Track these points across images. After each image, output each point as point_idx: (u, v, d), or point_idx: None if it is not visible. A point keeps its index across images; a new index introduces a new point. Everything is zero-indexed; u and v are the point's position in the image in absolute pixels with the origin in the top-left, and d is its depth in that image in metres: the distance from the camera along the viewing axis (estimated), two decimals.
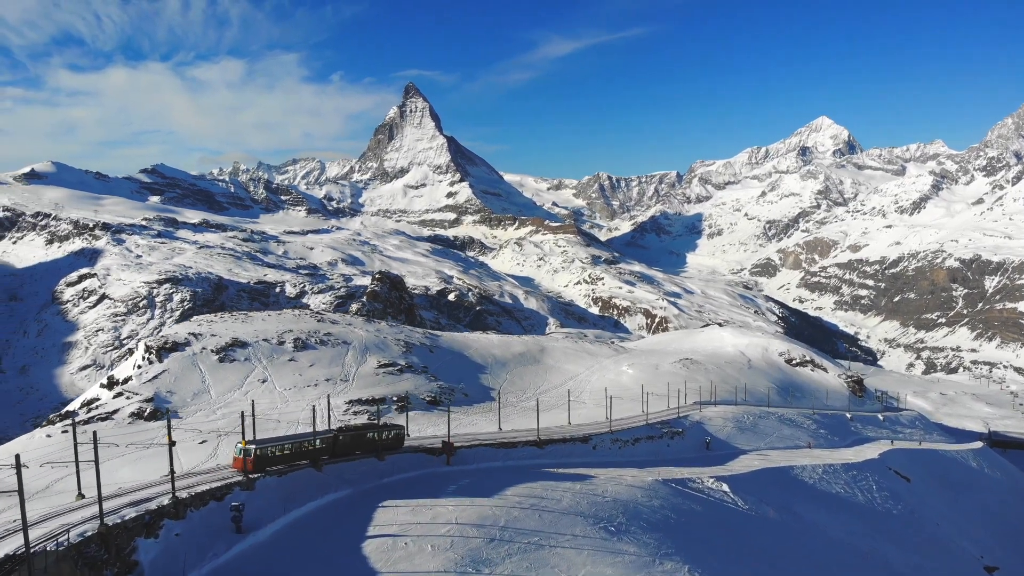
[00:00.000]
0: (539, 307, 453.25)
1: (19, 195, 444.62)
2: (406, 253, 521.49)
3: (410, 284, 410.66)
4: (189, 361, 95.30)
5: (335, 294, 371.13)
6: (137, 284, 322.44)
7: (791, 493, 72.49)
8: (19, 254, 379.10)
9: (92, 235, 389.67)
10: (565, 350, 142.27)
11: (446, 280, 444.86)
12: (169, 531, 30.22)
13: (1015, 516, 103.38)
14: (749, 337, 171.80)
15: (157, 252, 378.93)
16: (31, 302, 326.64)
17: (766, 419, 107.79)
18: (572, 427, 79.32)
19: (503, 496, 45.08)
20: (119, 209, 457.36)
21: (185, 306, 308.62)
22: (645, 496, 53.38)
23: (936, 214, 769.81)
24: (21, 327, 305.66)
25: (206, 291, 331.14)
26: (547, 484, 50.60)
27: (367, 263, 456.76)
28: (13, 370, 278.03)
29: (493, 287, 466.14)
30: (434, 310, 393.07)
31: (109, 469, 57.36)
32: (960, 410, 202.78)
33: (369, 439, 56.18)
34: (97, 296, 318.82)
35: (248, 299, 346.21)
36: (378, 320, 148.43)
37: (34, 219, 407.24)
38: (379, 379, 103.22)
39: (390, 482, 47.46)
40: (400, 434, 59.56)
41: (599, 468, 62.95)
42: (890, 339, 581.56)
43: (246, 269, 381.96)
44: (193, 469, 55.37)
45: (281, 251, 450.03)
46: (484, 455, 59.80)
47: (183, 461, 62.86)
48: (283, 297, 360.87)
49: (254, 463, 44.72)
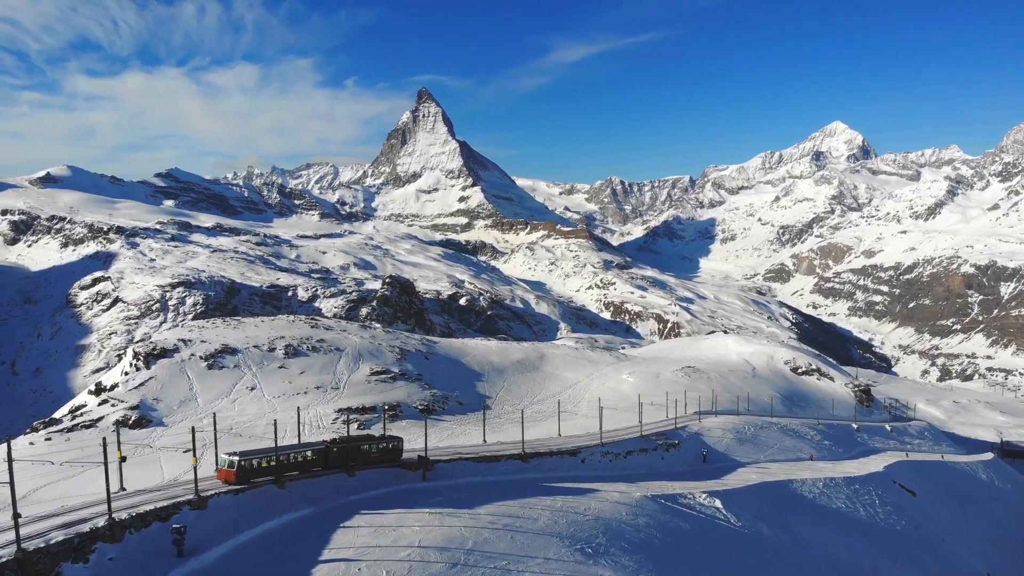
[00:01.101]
0: (550, 312, 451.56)
1: (35, 199, 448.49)
2: (418, 257, 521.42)
3: (421, 288, 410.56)
4: (177, 368, 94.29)
5: (347, 298, 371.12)
6: (150, 287, 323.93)
7: (789, 508, 70.10)
8: (34, 257, 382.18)
9: (106, 238, 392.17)
10: (565, 357, 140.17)
11: (457, 284, 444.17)
12: (102, 555, 28.60)
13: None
14: (754, 345, 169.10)
15: (170, 256, 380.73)
16: (45, 305, 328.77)
17: (768, 430, 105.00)
18: (562, 439, 76.91)
19: (475, 515, 43.12)
20: (133, 213, 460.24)
21: (198, 309, 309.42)
22: (630, 514, 51.30)
23: (951, 220, 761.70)
24: (35, 330, 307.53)
25: (219, 295, 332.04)
26: (526, 501, 48.43)
27: (379, 267, 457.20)
28: (27, 372, 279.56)
29: (504, 291, 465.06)
30: (445, 314, 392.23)
31: (86, 480, 56.45)
32: (973, 418, 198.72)
33: (364, 451, 54.32)
34: (111, 299, 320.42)
35: (260, 303, 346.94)
36: (375, 326, 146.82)
37: (49, 222, 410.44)
38: (371, 387, 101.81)
39: (357, 500, 45.09)
40: (398, 446, 57.44)
41: (587, 483, 60.53)
42: (905, 346, 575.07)
43: (259, 273, 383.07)
44: (174, 480, 54.35)
45: (294, 255, 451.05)
46: (464, 470, 57.63)
47: (165, 471, 61.96)
48: (295, 301, 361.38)
49: (237, 475, 43.53)
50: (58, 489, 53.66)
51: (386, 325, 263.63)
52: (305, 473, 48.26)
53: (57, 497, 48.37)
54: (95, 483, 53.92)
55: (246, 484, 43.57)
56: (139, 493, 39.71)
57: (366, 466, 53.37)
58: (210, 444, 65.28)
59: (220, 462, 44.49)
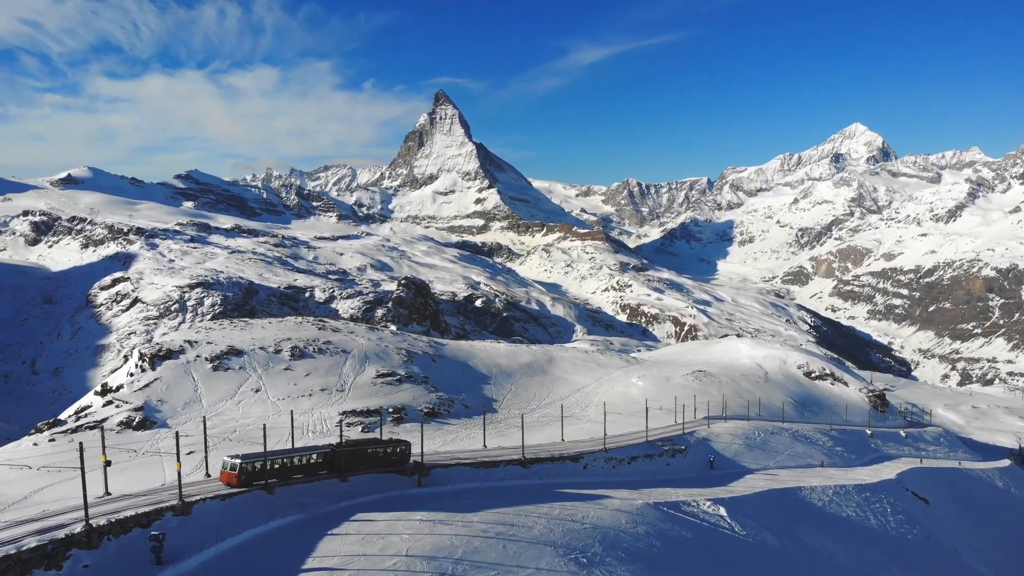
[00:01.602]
0: (566, 314, 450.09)
1: (56, 200, 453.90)
2: (434, 259, 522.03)
3: (437, 290, 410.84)
4: (182, 369, 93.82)
5: (363, 299, 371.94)
6: (169, 288, 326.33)
7: (797, 516, 68.79)
8: (55, 258, 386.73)
9: (126, 239, 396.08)
10: (574, 360, 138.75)
11: (473, 286, 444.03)
12: (77, 562, 28.26)
13: None
14: (767, 349, 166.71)
15: (189, 257, 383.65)
16: (66, 305, 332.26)
17: (778, 435, 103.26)
18: (565, 444, 75.85)
19: (468, 523, 42.13)
20: (153, 214, 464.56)
21: (216, 310, 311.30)
22: (630, 522, 50.25)
23: (972, 222, 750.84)
24: (56, 329, 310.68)
25: (237, 295, 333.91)
26: (522, 509, 47.89)
27: (395, 269, 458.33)
28: (47, 372, 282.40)
29: (520, 293, 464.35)
30: (460, 316, 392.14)
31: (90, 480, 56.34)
32: (992, 424, 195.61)
33: (371, 454, 53.93)
34: (130, 300, 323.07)
35: (278, 303, 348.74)
36: (384, 328, 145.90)
37: (70, 223, 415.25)
38: (376, 389, 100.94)
39: (348, 506, 44.51)
40: (406, 450, 56.92)
41: (588, 489, 59.60)
42: (924, 350, 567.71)
43: (276, 274, 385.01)
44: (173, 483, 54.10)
45: (311, 256, 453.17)
46: (461, 475, 56.49)
47: (167, 473, 61.92)
48: (312, 302, 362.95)
49: (238, 477, 43.67)
50: (60, 491, 53.48)
51: (401, 326, 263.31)
52: (311, 477, 47.99)
53: (59, 498, 48.15)
54: (95, 486, 54.04)
55: (249, 487, 43.54)
56: (125, 498, 39.45)
57: (372, 470, 52.87)
58: (214, 447, 65.23)
59: (223, 464, 44.76)
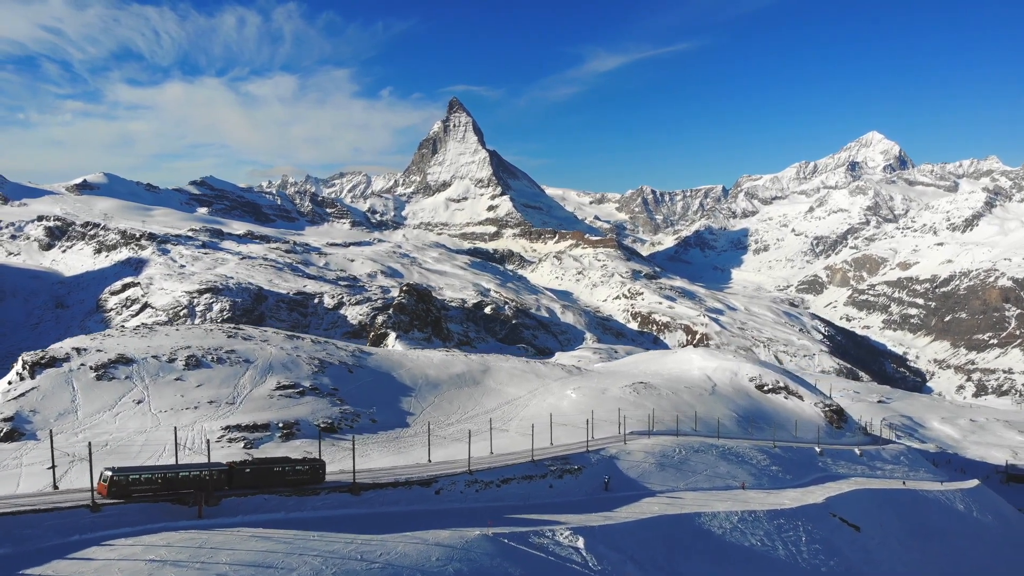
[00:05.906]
0: (576, 321, 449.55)
1: (71, 205, 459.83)
2: (444, 266, 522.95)
3: (447, 297, 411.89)
4: (63, 378, 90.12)
5: (372, 305, 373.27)
6: (179, 293, 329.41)
7: (684, 547, 62.67)
8: (68, 262, 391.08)
9: (138, 245, 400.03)
10: (511, 371, 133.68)
11: (483, 293, 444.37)
12: None
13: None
14: (719, 360, 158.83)
15: (200, 262, 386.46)
16: (77, 309, 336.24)
17: (704, 453, 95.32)
18: (426, 466, 70.51)
19: (207, 565, 37.37)
20: (167, 220, 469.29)
21: (224, 315, 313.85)
22: (442, 559, 44.05)
23: (989, 232, 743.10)
24: (66, 334, 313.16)
25: (246, 301, 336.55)
26: (295, 544, 42.28)
27: (406, 275, 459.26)
28: None
29: (530, 300, 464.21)
30: (469, 323, 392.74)
31: None
32: (989, 438, 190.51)
33: (277, 473, 53.02)
34: (140, 305, 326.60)
35: (287, 309, 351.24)
36: (303, 336, 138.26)
37: (84, 229, 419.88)
38: (272, 402, 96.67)
39: (84, 539, 40.68)
40: (317, 468, 55.81)
41: (425, 518, 54.03)
42: (940, 360, 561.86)
43: (287, 280, 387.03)
44: (27, 493, 53.26)
45: (322, 263, 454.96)
46: (264, 504, 50.15)
47: (22, 488, 62.45)
48: (322, 308, 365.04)
49: (108, 489, 45.15)
50: None
51: (401, 333, 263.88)
52: (203, 494, 47.71)
53: None
54: None
55: (123, 499, 45.01)
56: None
57: (279, 490, 52.24)
58: (79, 460, 63.37)
59: (101, 477, 46.26)
